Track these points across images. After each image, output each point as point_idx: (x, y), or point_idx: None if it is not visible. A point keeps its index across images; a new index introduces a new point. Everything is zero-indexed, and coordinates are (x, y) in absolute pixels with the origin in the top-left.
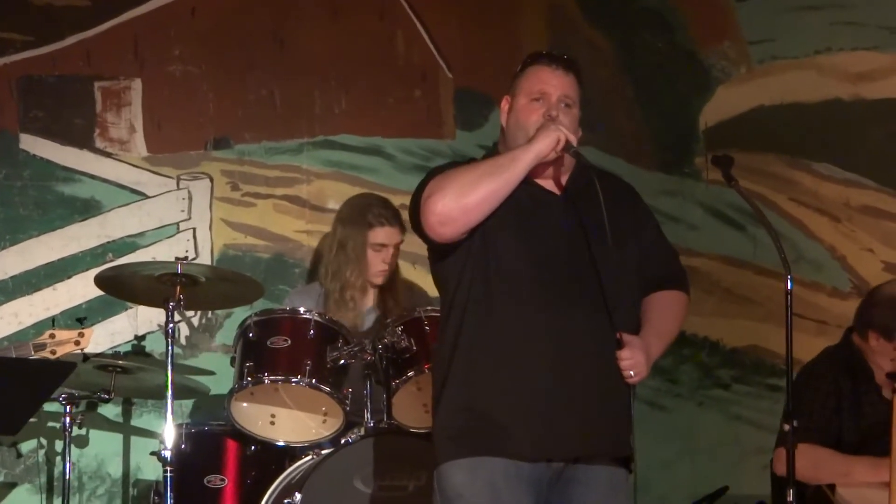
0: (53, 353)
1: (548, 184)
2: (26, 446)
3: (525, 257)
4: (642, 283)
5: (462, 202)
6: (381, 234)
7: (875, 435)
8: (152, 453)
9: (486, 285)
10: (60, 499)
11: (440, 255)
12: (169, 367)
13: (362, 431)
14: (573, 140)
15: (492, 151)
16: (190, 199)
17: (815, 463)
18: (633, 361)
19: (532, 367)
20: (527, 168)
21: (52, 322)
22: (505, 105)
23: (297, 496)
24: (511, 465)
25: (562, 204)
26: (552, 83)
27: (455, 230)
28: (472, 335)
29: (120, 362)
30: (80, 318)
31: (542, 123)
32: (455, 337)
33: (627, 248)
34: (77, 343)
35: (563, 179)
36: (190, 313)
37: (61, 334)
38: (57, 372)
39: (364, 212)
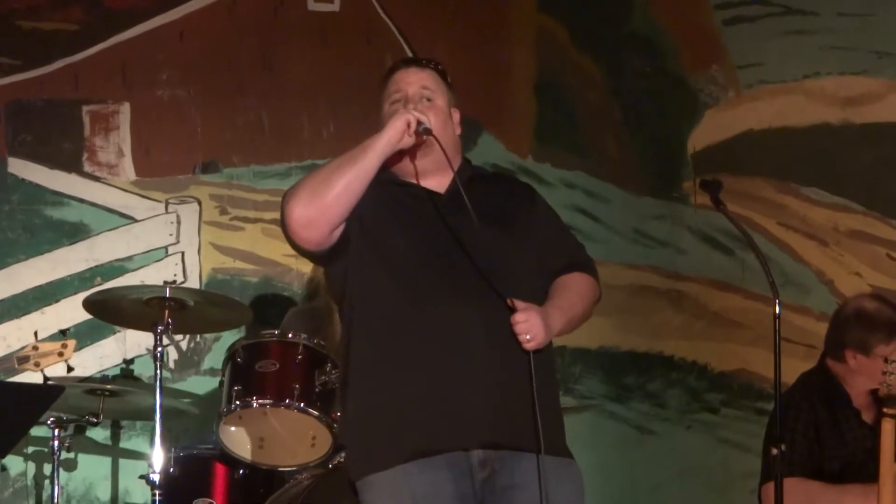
0: (37, 364)
1: (431, 184)
2: (14, 470)
3: (411, 255)
4: (546, 275)
5: (318, 201)
6: None
7: (858, 462)
8: (141, 477)
9: (372, 288)
10: None
11: (326, 264)
12: (157, 391)
13: None
14: (424, 120)
15: None
16: (178, 222)
17: (804, 497)
18: (528, 324)
19: (428, 362)
20: (379, 156)
21: (35, 336)
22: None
23: None
24: (431, 480)
25: (446, 200)
26: (406, 80)
27: (319, 232)
28: (363, 340)
29: (108, 386)
30: (64, 329)
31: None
32: (347, 344)
33: (524, 240)
34: (61, 354)
35: (447, 180)
36: (178, 337)
37: (45, 346)
38: (45, 395)
39: None
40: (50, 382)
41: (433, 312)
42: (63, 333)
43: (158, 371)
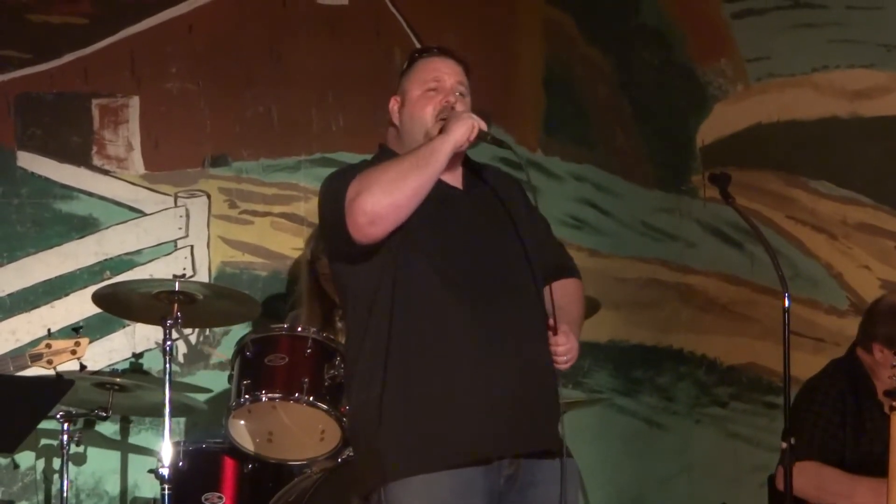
0: (50, 362)
1: (447, 178)
2: (24, 464)
3: (449, 254)
4: (542, 274)
5: (392, 199)
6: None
7: (876, 453)
8: (150, 471)
9: (412, 286)
10: None
11: (356, 260)
12: (167, 385)
13: None
14: (484, 127)
15: (381, 153)
16: (187, 216)
17: (817, 481)
18: (568, 346)
19: (475, 365)
20: (447, 158)
21: (49, 333)
22: (394, 105)
23: None
24: (465, 478)
25: (467, 198)
26: (445, 71)
27: (384, 228)
28: (405, 340)
29: (117, 380)
30: (77, 327)
31: (445, 111)
32: (386, 343)
33: (531, 237)
34: (74, 352)
35: (460, 175)
36: (187, 331)
37: (58, 344)
38: (54, 389)
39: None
40: (60, 376)
41: (477, 312)
42: (76, 331)
43: (168, 365)
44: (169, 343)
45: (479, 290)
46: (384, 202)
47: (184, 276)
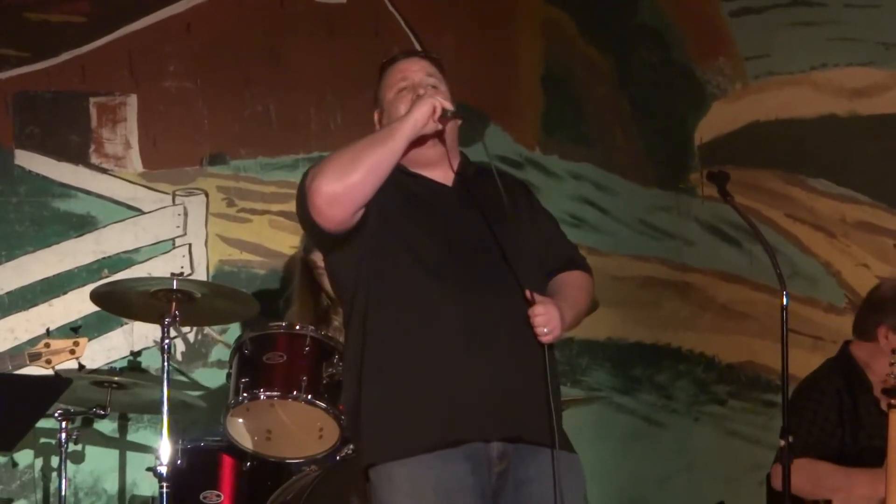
0: (49, 362)
1: (436, 176)
2: (22, 462)
3: (433, 245)
4: (546, 272)
5: (346, 179)
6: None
7: (874, 448)
8: (148, 469)
9: (388, 277)
10: None
11: (334, 250)
12: (165, 383)
13: None
14: (449, 106)
15: None
16: (185, 214)
17: (813, 478)
18: (546, 317)
19: (453, 352)
20: (406, 139)
21: (48, 332)
22: (376, 116)
23: None
24: (451, 475)
25: (456, 193)
26: (412, 69)
27: (343, 210)
28: (385, 326)
29: (116, 378)
30: (75, 327)
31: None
32: (363, 332)
33: (527, 234)
34: (72, 352)
35: (452, 174)
36: (186, 329)
37: (56, 343)
38: (53, 388)
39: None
40: (58, 374)
41: (458, 302)
42: (75, 331)
43: (166, 363)
44: (167, 341)
45: (455, 283)
46: (339, 183)
47: (182, 274)
